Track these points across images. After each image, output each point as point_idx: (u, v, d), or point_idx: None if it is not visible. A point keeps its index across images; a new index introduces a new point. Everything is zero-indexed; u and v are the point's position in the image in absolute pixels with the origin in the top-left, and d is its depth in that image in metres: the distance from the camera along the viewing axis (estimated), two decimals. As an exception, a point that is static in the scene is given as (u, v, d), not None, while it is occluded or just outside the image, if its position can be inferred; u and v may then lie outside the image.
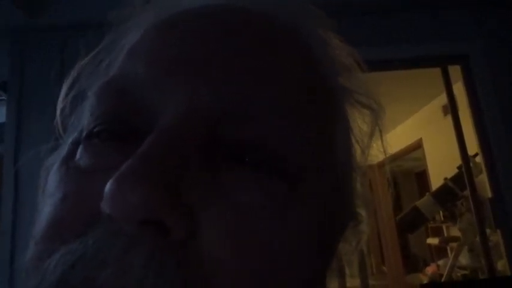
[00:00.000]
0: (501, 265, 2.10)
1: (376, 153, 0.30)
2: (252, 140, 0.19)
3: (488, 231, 2.04)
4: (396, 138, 4.55)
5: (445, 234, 4.21)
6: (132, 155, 0.17)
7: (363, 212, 0.28)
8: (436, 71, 2.19)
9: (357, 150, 0.28)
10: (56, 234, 0.18)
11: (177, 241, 0.17)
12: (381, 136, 0.29)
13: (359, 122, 0.28)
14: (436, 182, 3.60)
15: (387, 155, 0.30)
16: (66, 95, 0.28)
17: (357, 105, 0.28)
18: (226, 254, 0.17)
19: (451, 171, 2.96)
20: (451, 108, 2.12)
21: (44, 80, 1.94)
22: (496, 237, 2.02)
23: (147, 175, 0.16)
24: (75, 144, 0.23)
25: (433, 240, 4.28)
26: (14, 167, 1.85)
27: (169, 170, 0.17)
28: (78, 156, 0.22)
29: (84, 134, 0.22)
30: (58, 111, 0.28)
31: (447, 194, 3.02)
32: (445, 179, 3.04)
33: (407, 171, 6.30)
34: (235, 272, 0.17)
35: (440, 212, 3.65)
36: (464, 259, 3.13)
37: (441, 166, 3.63)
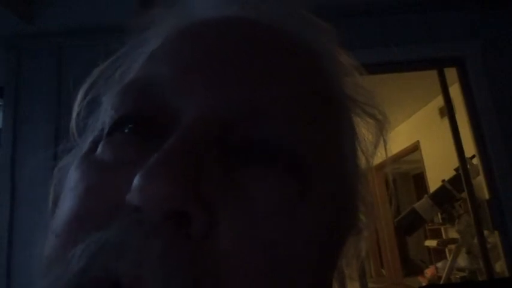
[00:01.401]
0: (499, 266, 2.11)
1: (377, 157, 0.30)
2: (267, 141, 0.21)
3: (486, 232, 2.04)
4: (394, 141, 4.56)
5: (444, 236, 4.21)
6: (156, 151, 0.18)
7: (365, 218, 0.29)
8: (433, 73, 2.20)
9: (362, 158, 0.29)
10: (80, 225, 0.19)
11: (197, 233, 0.17)
12: (385, 146, 0.30)
13: (364, 131, 0.29)
14: (433, 184, 3.61)
15: (388, 163, 0.31)
16: (82, 99, 0.29)
17: (363, 115, 0.29)
18: (242, 250, 0.18)
19: (448, 173, 2.97)
20: (448, 110, 2.13)
21: (40, 85, 1.95)
22: (493, 238, 2.03)
23: (174, 169, 0.17)
24: (96, 143, 0.24)
25: (431, 243, 4.29)
26: (10, 171, 1.84)
27: (193, 166, 0.18)
28: (99, 150, 0.23)
29: (106, 130, 0.23)
30: (74, 115, 0.29)
31: (445, 196, 3.03)
32: (443, 181, 3.05)
33: (405, 173, 6.32)
34: (250, 267, 0.18)
35: (439, 214, 3.66)
36: (462, 261, 3.14)
37: (438, 168, 3.64)
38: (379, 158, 0.30)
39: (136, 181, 0.17)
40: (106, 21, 1.78)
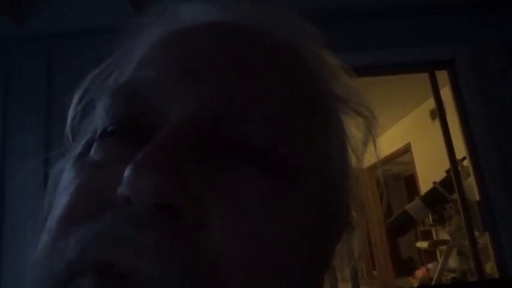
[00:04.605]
0: (489, 267, 2.12)
1: (367, 158, 0.31)
2: (255, 140, 0.21)
3: (476, 233, 2.06)
4: (385, 143, 4.59)
5: (435, 238, 4.24)
6: (147, 145, 0.19)
7: (357, 217, 0.29)
8: (424, 76, 2.22)
9: (353, 157, 0.30)
10: (72, 219, 0.20)
11: (187, 226, 0.18)
12: (374, 143, 0.30)
13: (354, 129, 0.30)
14: (424, 185, 3.64)
15: (378, 161, 0.31)
16: (77, 104, 0.30)
17: (351, 113, 0.30)
18: (232, 245, 0.19)
19: (439, 175, 2.99)
20: (439, 112, 2.15)
21: (29, 88, 1.93)
22: (484, 239, 2.04)
23: (162, 162, 0.18)
24: (89, 144, 0.25)
25: (422, 244, 4.31)
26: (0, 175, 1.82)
27: (181, 161, 0.18)
28: (92, 152, 0.24)
29: (98, 132, 0.24)
30: (69, 120, 0.30)
31: (436, 198, 3.05)
32: (434, 182, 3.07)
33: (397, 175, 6.36)
34: (238, 262, 0.18)
35: (430, 216, 3.68)
36: (453, 262, 3.16)
37: (430, 170, 3.66)
38: (369, 159, 0.31)
39: (126, 173, 0.18)
40: (96, 25, 1.77)
